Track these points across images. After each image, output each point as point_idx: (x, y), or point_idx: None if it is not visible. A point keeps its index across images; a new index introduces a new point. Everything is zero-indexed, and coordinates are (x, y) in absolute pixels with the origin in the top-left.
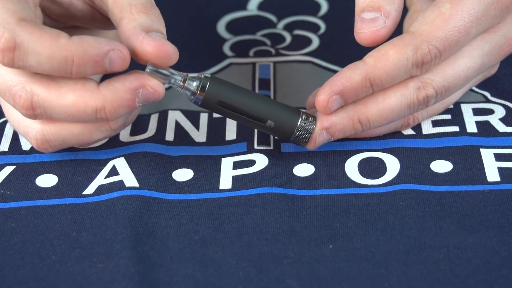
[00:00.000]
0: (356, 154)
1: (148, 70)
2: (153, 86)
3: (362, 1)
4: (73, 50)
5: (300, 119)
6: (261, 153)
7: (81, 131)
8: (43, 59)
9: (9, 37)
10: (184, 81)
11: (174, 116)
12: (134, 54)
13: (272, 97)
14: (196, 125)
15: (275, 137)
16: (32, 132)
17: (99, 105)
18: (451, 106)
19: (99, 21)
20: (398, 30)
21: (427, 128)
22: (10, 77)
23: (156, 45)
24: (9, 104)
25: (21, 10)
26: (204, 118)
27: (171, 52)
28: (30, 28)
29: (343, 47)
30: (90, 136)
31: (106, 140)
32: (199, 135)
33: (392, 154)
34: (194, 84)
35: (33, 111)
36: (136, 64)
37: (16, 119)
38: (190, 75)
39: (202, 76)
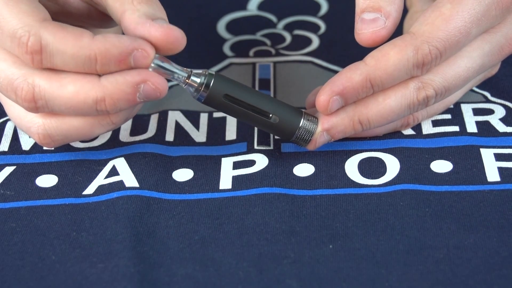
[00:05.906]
0: (356, 154)
1: (153, 65)
2: (156, 82)
3: (362, 1)
4: (96, 50)
5: (302, 119)
6: (261, 153)
7: (82, 124)
8: (68, 58)
9: (35, 41)
10: (188, 77)
11: (174, 116)
12: None
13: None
14: (196, 125)
15: (276, 137)
16: (34, 127)
17: (99, 97)
18: (451, 106)
19: (95, 19)
20: (398, 31)
21: (427, 128)
22: (12, 70)
23: (164, 31)
24: (11, 99)
25: (37, 10)
26: (204, 118)
27: (179, 37)
28: (53, 29)
29: (343, 47)
30: (91, 130)
31: (106, 139)
32: (199, 135)
33: (392, 154)
34: (198, 80)
35: (35, 103)
36: None
37: (18, 115)
38: (195, 71)
39: (207, 72)
